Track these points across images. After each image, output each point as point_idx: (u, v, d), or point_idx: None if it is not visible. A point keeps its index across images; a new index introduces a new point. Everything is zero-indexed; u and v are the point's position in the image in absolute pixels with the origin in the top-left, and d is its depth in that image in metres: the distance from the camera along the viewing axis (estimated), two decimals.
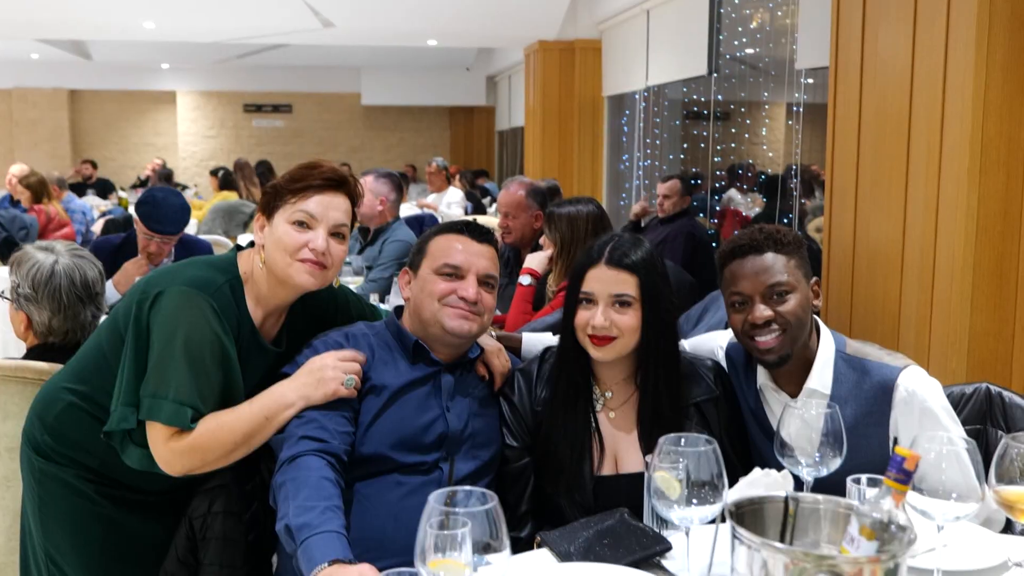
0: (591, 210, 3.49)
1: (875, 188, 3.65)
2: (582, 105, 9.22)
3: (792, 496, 1.45)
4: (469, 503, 1.35)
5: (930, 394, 2.04)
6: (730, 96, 7.21)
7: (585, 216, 3.48)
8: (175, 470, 1.98)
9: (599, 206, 3.58)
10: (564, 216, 3.49)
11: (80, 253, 2.55)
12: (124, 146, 17.01)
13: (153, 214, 4.17)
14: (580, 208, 3.50)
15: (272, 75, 16.11)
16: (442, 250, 2.21)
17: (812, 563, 1.25)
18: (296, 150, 16.94)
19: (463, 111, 17.17)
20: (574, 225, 3.46)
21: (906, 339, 3.46)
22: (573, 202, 3.56)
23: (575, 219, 3.48)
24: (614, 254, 2.12)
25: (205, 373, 1.97)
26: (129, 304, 2.03)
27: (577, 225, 3.46)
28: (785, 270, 2.08)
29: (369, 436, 2.05)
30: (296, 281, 2.06)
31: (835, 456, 1.83)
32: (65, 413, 2.11)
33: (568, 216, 3.49)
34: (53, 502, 2.13)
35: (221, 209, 9.23)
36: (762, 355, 2.09)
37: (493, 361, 2.28)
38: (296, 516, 1.76)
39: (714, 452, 1.60)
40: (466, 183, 12.17)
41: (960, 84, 3.17)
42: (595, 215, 3.48)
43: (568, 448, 2.16)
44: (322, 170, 2.09)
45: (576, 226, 3.46)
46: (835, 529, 1.41)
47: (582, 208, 3.50)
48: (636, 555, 1.73)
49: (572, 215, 3.49)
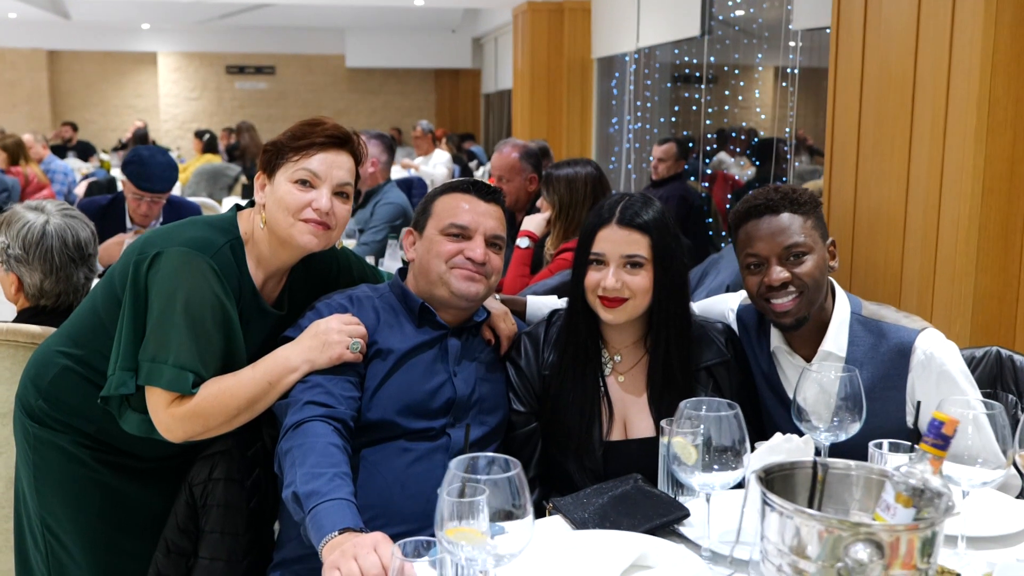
0: (590, 171, 3.44)
1: (877, 149, 3.60)
2: (571, 67, 9.11)
3: (822, 462, 1.40)
4: (491, 470, 1.30)
5: (948, 357, 2.00)
6: (723, 59, 7.12)
7: (584, 177, 3.43)
8: (176, 436, 1.92)
9: (597, 167, 3.53)
10: (563, 178, 3.44)
11: (72, 213, 2.47)
12: (104, 108, 16.75)
13: (142, 172, 4.10)
14: (579, 170, 3.45)
15: (255, 36, 15.87)
16: (448, 210, 2.15)
17: (848, 531, 1.21)
18: (279, 113, 16.73)
19: (449, 73, 16.99)
20: (573, 187, 3.42)
21: (908, 302, 3.42)
22: (571, 163, 3.50)
23: (574, 181, 3.43)
24: (625, 213, 2.06)
25: (206, 336, 1.91)
26: (126, 265, 1.96)
27: (576, 187, 3.41)
28: (802, 231, 2.03)
29: (375, 402, 1.99)
30: (298, 242, 1.99)
31: (854, 421, 1.79)
32: (60, 377, 2.05)
33: (567, 178, 3.44)
34: (49, 469, 2.07)
35: (205, 172, 9.12)
36: (778, 318, 2.04)
37: (499, 325, 2.23)
38: (304, 483, 1.70)
39: (736, 417, 1.56)
40: (453, 146, 12.07)
41: (968, 43, 3.12)
42: (594, 176, 3.43)
43: (577, 413, 2.11)
44: (325, 127, 2.02)
45: (575, 188, 3.41)
46: (868, 496, 1.37)
47: (580, 170, 3.45)
48: (654, 522, 1.70)
49: (571, 177, 3.44)
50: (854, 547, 1.19)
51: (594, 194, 3.39)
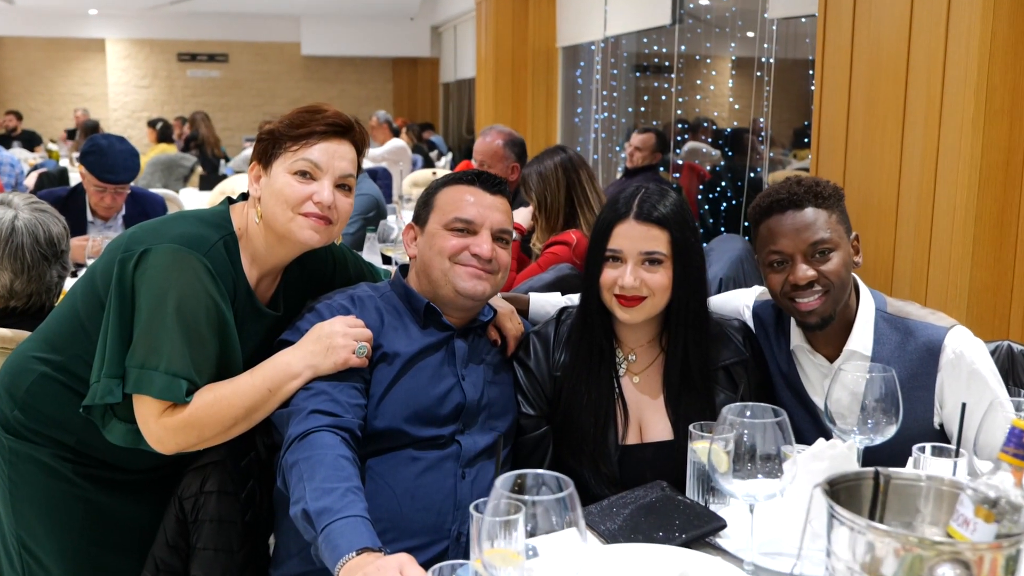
0: (559, 159, 3.43)
1: (868, 139, 3.54)
2: (536, 56, 8.98)
3: (884, 472, 1.31)
4: (540, 491, 1.19)
5: (978, 356, 1.93)
6: (694, 48, 7.05)
7: (553, 167, 3.42)
8: (167, 448, 1.78)
9: (564, 148, 3.54)
10: (534, 174, 3.45)
11: (42, 207, 2.31)
12: (50, 96, 16.27)
13: (103, 163, 3.92)
14: (547, 162, 3.44)
15: (207, 23, 15.50)
16: (452, 203, 2.03)
17: (930, 550, 1.12)
18: (233, 102, 16.40)
19: (406, 62, 16.76)
20: (544, 179, 3.41)
21: (900, 294, 3.37)
22: (539, 158, 3.51)
23: (544, 175, 3.42)
24: (643, 207, 1.96)
25: (200, 341, 1.77)
26: (109, 263, 1.81)
27: (547, 178, 3.41)
28: (827, 226, 1.94)
29: (382, 409, 1.87)
30: (298, 237, 1.86)
31: (890, 423, 1.71)
32: (37, 386, 1.89)
33: (537, 173, 3.45)
34: (26, 484, 1.91)
35: (160, 162, 8.88)
36: (804, 317, 1.95)
37: (506, 324, 2.12)
38: (314, 500, 1.58)
39: (782, 424, 1.46)
40: (413, 136, 11.91)
41: (965, 30, 3.06)
42: (564, 161, 3.43)
43: (591, 416, 2.01)
44: (326, 114, 1.89)
45: (546, 179, 3.41)
46: (938, 509, 1.28)
47: (548, 161, 3.44)
48: (690, 533, 1.60)
49: (541, 172, 3.44)
50: (941, 568, 1.11)
51: (567, 176, 3.38)
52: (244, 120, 16.15)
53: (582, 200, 3.36)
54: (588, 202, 3.37)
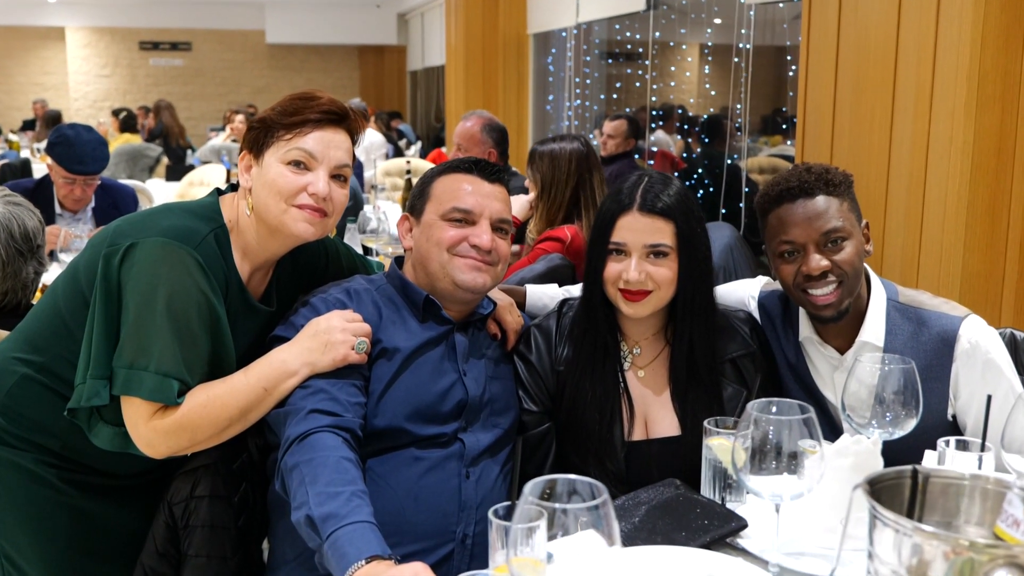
0: (575, 148, 3.21)
1: (855, 126, 3.50)
2: (507, 43, 8.89)
3: (923, 470, 1.26)
4: (573, 498, 1.12)
5: (993, 345, 1.89)
6: (669, 35, 7.00)
7: (568, 154, 3.20)
8: (158, 452, 1.70)
9: (586, 142, 3.29)
10: (546, 154, 3.22)
11: (15, 200, 2.20)
12: (9, 86, 15.90)
13: (72, 154, 3.79)
14: (564, 145, 3.22)
15: (169, 10, 15.24)
16: (449, 192, 1.95)
17: (982, 553, 1.07)
18: (196, 90, 16.14)
19: (373, 50, 16.58)
20: (556, 164, 3.18)
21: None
22: (557, 139, 3.27)
23: (557, 157, 3.20)
24: (647, 197, 1.89)
25: (192, 339, 1.68)
26: (93, 258, 1.72)
27: (559, 163, 3.18)
28: (839, 214, 1.89)
29: (382, 407, 1.79)
30: (292, 230, 1.78)
31: (909, 416, 1.67)
32: (18, 388, 1.79)
33: (550, 154, 3.21)
34: (7, 492, 1.81)
35: (124, 153, 8.69)
36: (818, 310, 1.89)
37: (506, 318, 2.05)
38: (318, 505, 1.50)
39: (810, 421, 1.41)
40: (382, 125, 11.76)
41: (956, 15, 3.03)
42: (579, 152, 3.20)
43: (596, 412, 1.95)
44: (320, 102, 1.79)
45: (558, 164, 3.18)
46: (984, 508, 1.24)
47: (566, 145, 3.22)
48: (711, 534, 1.54)
49: (554, 153, 3.21)
50: (997, 573, 1.06)
51: (579, 171, 3.18)
52: (208, 109, 15.91)
53: (588, 200, 3.17)
54: (594, 202, 3.16)
